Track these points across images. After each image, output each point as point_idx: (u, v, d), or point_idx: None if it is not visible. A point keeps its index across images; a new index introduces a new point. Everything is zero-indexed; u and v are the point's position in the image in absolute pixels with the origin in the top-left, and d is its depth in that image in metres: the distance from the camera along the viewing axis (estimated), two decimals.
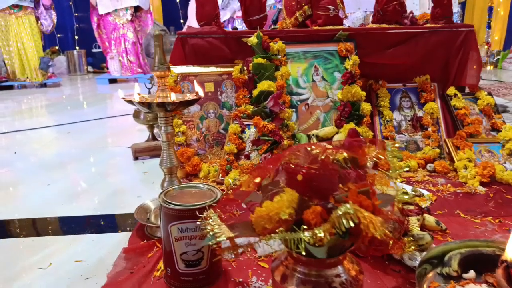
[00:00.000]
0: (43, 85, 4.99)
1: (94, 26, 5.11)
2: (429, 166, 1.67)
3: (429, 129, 1.78)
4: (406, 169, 1.52)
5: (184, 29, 6.23)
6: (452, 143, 1.70)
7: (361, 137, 1.56)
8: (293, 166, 0.77)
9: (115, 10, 4.99)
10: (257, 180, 0.88)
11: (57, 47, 6.59)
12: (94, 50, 6.68)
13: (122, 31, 5.03)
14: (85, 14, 6.57)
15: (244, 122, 1.66)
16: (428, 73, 1.87)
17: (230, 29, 5.59)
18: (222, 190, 1.45)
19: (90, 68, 6.79)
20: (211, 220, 0.77)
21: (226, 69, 1.79)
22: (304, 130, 1.70)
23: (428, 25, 1.87)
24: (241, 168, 1.55)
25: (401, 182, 1.54)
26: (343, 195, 0.75)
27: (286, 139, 1.57)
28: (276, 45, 1.72)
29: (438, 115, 1.81)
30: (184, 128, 1.70)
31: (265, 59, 1.68)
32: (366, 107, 1.66)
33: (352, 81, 1.66)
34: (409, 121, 1.83)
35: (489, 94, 1.87)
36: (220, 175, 1.58)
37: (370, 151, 0.84)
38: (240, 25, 5.34)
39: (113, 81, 5.23)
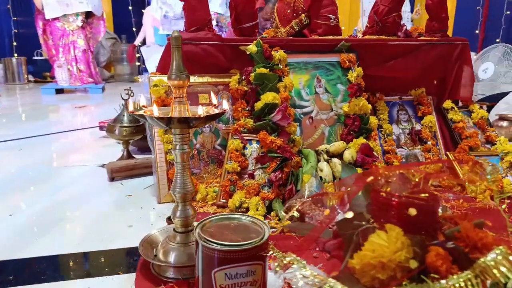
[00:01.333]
0: None
1: (39, 31, 4.66)
2: (434, 182, 1.61)
3: (429, 143, 1.74)
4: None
5: (139, 38, 5.94)
6: (454, 157, 1.66)
7: (374, 153, 1.47)
8: (394, 198, 0.63)
9: (64, 15, 4.59)
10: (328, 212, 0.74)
11: None
12: (35, 57, 6.12)
13: (72, 38, 4.63)
14: (26, 19, 6.02)
15: (245, 137, 1.49)
16: (423, 86, 1.84)
17: None
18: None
19: (30, 77, 6.20)
20: (297, 267, 0.60)
21: (221, 79, 1.62)
22: (309, 145, 1.57)
23: (423, 38, 1.84)
24: (247, 189, 1.38)
25: None
26: (454, 230, 0.62)
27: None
28: (277, 54, 1.58)
29: (435, 129, 1.78)
30: None
31: (268, 69, 1.54)
32: (373, 120, 1.58)
33: (359, 94, 1.57)
34: (408, 134, 1.77)
35: (481, 107, 1.88)
36: (222, 197, 1.40)
37: (466, 174, 0.72)
38: None
39: (60, 91, 4.79)
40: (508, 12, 5.29)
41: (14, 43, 6.13)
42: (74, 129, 2.77)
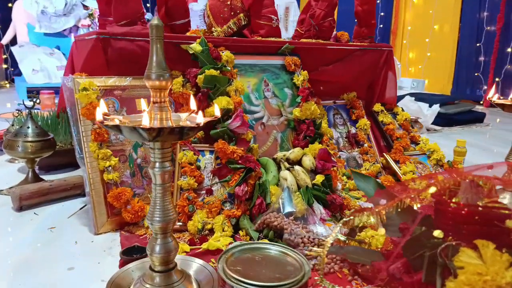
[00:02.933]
0: None
1: None
2: None
3: (365, 145, 1.78)
4: None
5: (7, 37, 5.07)
6: (391, 158, 1.73)
7: (332, 158, 1.43)
8: (468, 209, 0.57)
9: None
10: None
11: None
12: None
13: None
14: None
15: (197, 148, 1.31)
16: (354, 90, 1.88)
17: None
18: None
19: None
20: None
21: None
22: (263, 153, 1.46)
23: (355, 43, 1.89)
24: (208, 208, 1.21)
25: (365, 201, 1.47)
26: None
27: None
28: (224, 55, 1.44)
29: (369, 131, 1.84)
30: (115, 161, 1.24)
31: (218, 71, 1.38)
32: (324, 125, 1.54)
33: (310, 98, 1.52)
34: (346, 138, 1.79)
35: (402, 109, 2.00)
36: (178, 219, 1.20)
37: None
38: None
39: None
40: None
41: None
42: None
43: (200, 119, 0.75)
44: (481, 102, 4.33)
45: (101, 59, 1.30)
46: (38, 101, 1.51)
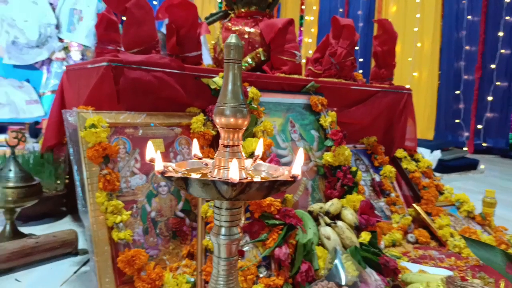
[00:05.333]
0: None
1: None
2: (411, 237, 1.49)
3: (392, 195, 1.63)
4: None
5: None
6: (422, 209, 1.58)
7: (375, 211, 1.25)
8: None
9: None
10: None
11: None
12: None
13: None
14: None
15: None
16: (373, 134, 1.76)
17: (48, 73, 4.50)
18: None
19: None
20: None
21: (179, 120, 1.20)
22: (294, 204, 1.26)
23: (377, 85, 1.78)
24: (243, 275, 0.98)
25: (407, 261, 1.29)
26: None
27: None
28: (250, 91, 1.27)
29: (394, 179, 1.69)
30: (127, 215, 1.00)
31: None
32: (360, 172, 1.38)
33: (343, 142, 1.36)
34: (370, 186, 1.64)
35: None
36: None
37: None
38: (60, 69, 4.36)
39: None
40: None
41: None
42: None
43: (297, 169, 0.55)
44: (465, 149, 4.37)
45: (111, 91, 1.09)
46: (23, 139, 1.26)
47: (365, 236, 1.14)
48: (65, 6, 4.42)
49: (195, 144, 0.69)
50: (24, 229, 1.32)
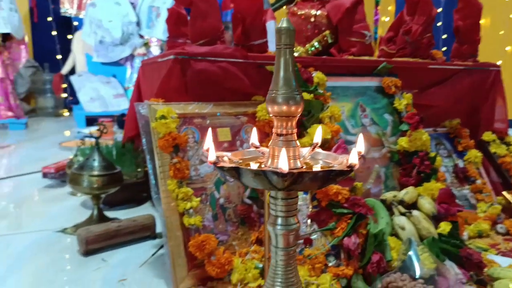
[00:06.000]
0: None
1: None
2: (500, 228, 1.35)
3: (478, 182, 1.49)
4: None
5: (67, 67, 5.21)
6: None
7: (457, 201, 1.15)
8: None
9: None
10: None
11: None
12: None
13: None
14: None
15: None
16: (456, 116, 1.61)
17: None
18: None
19: None
20: None
21: (244, 108, 1.21)
22: (365, 192, 1.21)
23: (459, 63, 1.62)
24: (310, 263, 0.97)
25: (496, 254, 1.17)
26: None
27: None
28: (315, 76, 1.23)
29: (480, 165, 1.54)
30: (197, 201, 1.04)
31: (311, 95, 1.17)
32: (439, 158, 1.28)
33: (420, 126, 1.27)
34: (453, 173, 1.51)
35: None
36: None
37: None
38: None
39: None
40: None
41: None
42: (3, 177, 2.09)
43: (354, 158, 0.52)
44: None
45: (179, 83, 1.13)
46: (105, 131, 1.36)
47: (445, 227, 1.05)
48: (144, 4, 4.68)
49: (254, 132, 0.68)
50: (110, 214, 1.44)
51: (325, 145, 1.13)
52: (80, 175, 1.30)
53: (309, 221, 1.05)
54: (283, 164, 0.49)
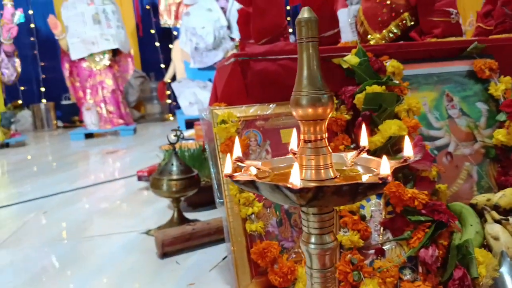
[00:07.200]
0: (5, 145, 4.17)
1: (66, 73, 4.41)
2: None
3: None
4: None
5: (169, 75, 5.64)
6: None
7: None
8: None
9: (91, 55, 4.33)
10: None
11: (20, 101, 5.76)
12: (63, 102, 5.90)
13: (99, 78, 4.35)
14: (53, 63, 5.84)
15: None
16: None
17: None
18: None
19: (59, 123, 5.97)
20: None
21: None
22: (453, 195, 1.06)
23: None
24: (381, 276, 0.87)
25: None
26: None
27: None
28: (389, 65, 1.11)
29: None
30: (259, 206, 1.01)
31: (383, 87, 1.06)
32: None
33: None
34: None
35: None
36: None
37: None
38: None
39: (89, 135, 4.46)
40: None
41: (42, 89, 5.96)
42: (105, 180, 2.34)
43: (386, 168, 0.44)
44: None
45: (240, 85, 1.11)
46: (182, 136, 1.41)
47: None
48: (234, 8, 4.82)
49: (294, 135, 0.62)
50: (193, 215, 1.50)
51: (401, 142, 1.01)
52: (160, 180, 1.37)
53: (381, 229, 0.95)
54: (295, 178, 0.43)
